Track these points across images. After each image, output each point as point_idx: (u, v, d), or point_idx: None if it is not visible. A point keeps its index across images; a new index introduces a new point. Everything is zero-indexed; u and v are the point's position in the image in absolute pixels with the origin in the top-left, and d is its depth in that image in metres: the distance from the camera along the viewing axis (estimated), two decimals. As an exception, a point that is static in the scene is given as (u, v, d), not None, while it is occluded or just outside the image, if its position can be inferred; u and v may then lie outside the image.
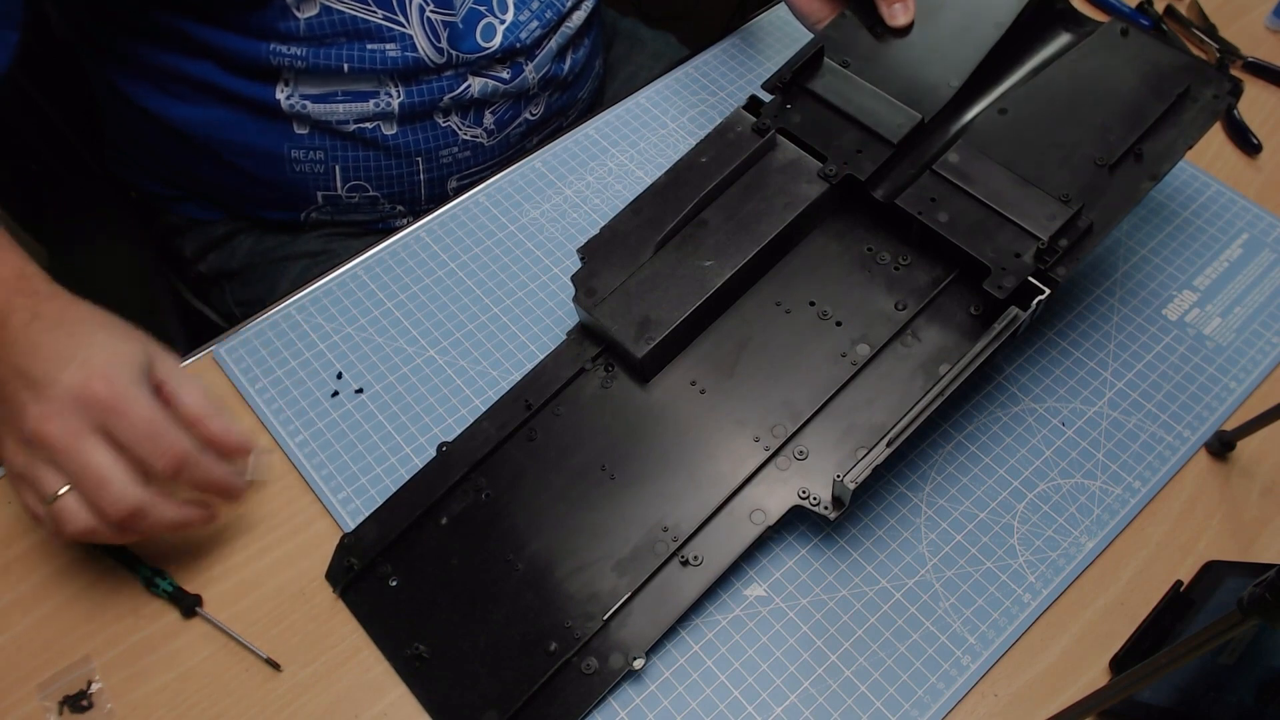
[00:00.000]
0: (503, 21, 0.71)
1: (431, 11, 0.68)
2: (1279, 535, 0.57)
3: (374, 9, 0.65)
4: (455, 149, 0.74)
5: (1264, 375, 0.62)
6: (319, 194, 0.74)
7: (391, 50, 0.67)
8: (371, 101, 0.69)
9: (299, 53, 0.65)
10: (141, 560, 0.55)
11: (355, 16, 0.65)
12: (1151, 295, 0.66)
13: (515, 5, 0.72)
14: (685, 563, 0.53)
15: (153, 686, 0.52)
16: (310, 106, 0.68)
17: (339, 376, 0.62)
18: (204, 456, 0.51)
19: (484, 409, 0.59)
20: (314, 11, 0.64)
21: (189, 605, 0.54)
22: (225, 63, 0.67)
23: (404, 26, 0.67)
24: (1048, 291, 0.54)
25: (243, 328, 0.65)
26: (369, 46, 0.66)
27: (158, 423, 0.49)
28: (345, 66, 0.66)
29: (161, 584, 0.54)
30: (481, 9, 0.70)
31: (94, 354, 0.49)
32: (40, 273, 0.52)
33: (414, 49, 0.68)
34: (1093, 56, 0.61)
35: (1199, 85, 0.59)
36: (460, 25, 0.69)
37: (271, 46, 0.65)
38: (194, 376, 0.53)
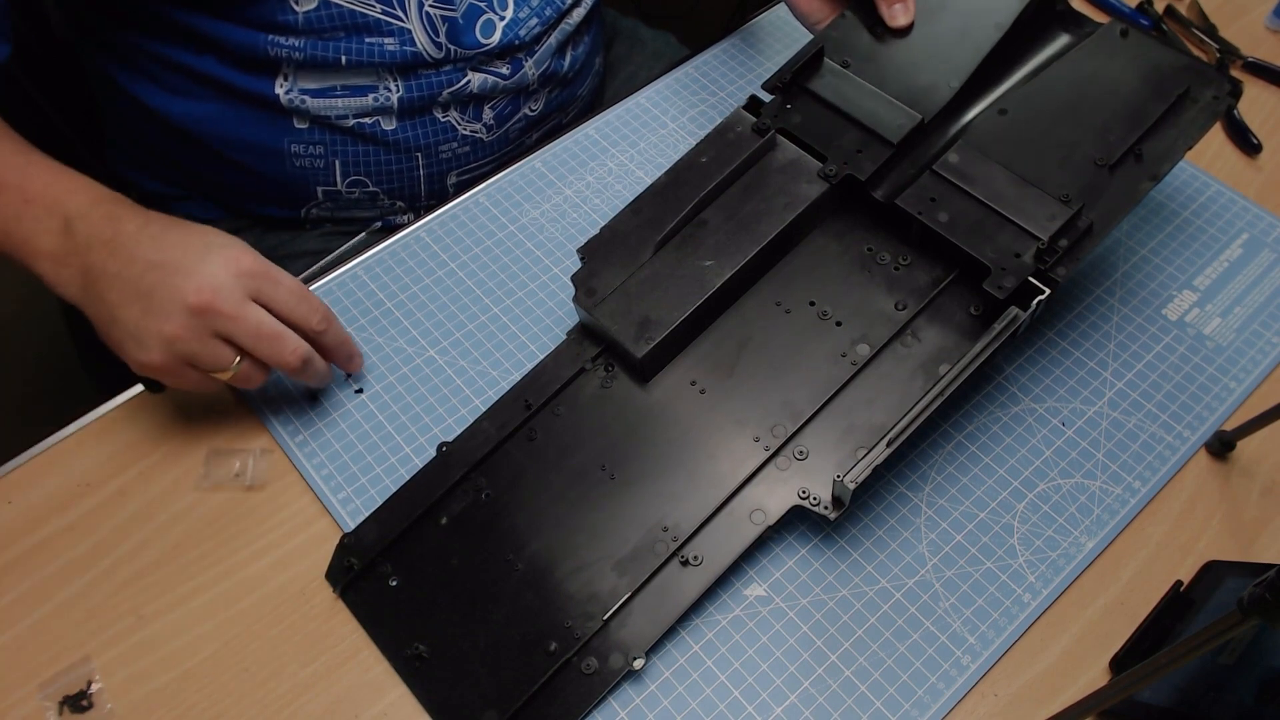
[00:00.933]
0: (502, 18, 0.71)
1: (431, 6, 0.68)
2: (1279, 535, 0.57)
3: (372, 3, 0.65)
4: (455, 144, 0.74)
5: (1264, 375, 0.62)
6: (319, 189, 0.74)
7: (390, 44, 0.67)
8: (371, 96, 0.69)
9: (297, 44, 0.65)
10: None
11: (354, 10, 0.65)
12: (1151, 295, 0.66)
13: (515, 2, 0.72)
14: (685, 563, 0.53)
15: (153, 686, 0.52)
16: (309, 101, 0.68)
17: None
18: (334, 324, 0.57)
19: (484, 409, 0.59)
20: (312, 5, 0.64)
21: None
22: (225, 56, 0.67)
23: (403, 21, 0.67)
24: (1047, 291, 0.54)
25: (243, 328, 0.65)
26: (367, 40, 0.66)
27: (302, 288, 0.55)
28: (343, 59, 0.66)
29: None
30: (481, 5, 0.70)
31: (225, 240, 0.54)
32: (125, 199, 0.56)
33: (412, 43, 0.68)
34: (1093, 57, 0.61)
35: (1199, 86, 0.59)
36: (460, 21, 0.69)
37: (270, 38, 0.65)
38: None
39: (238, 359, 0.54)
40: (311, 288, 0.66)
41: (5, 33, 0.60)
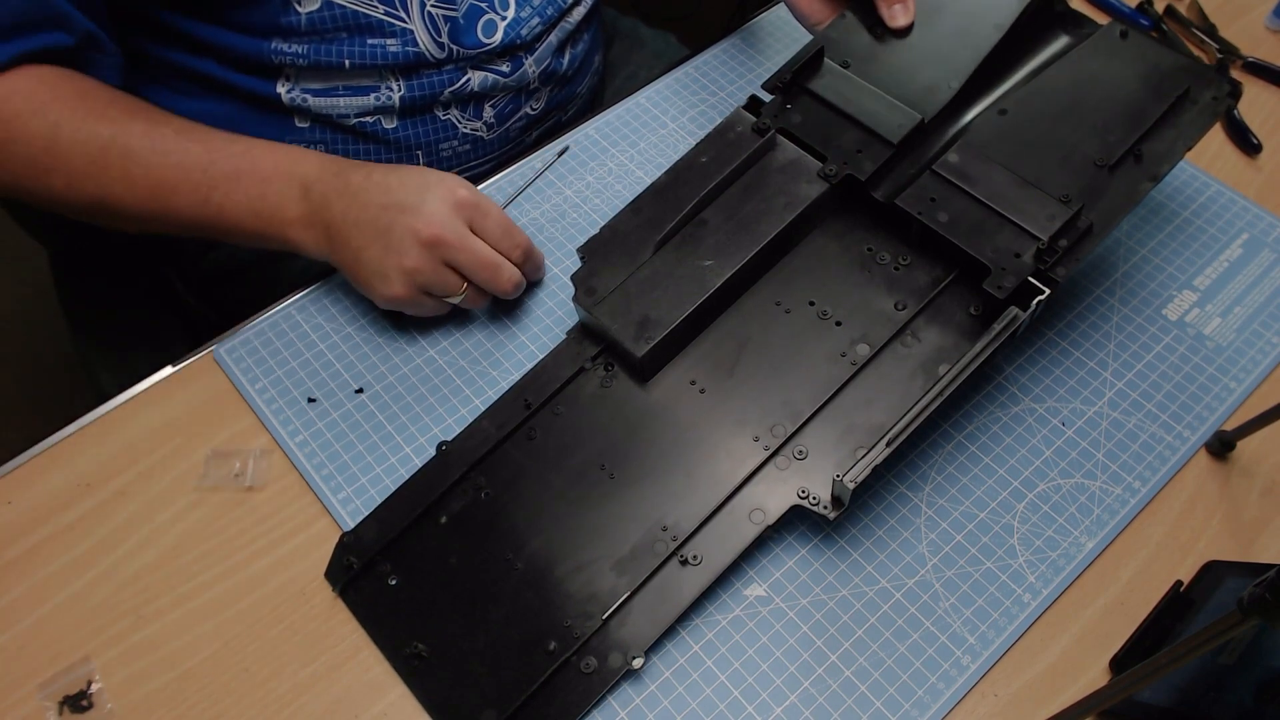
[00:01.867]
0: (504, 18, 0.71)
1: (433, 6, 0.68)
2: (1279, 535, 0.57)
3: (375, 4, 0.65)
4: (455, 142, 0.74)
5: (1264, 375, 0.62)
6: None
7: (392, 45, 0.67)
8: (372, 95, 0.69)
9: (300, 50, 0.65)
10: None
11: (357, 11, 0.65)
12: (1151, 295, 0.66)
13: (517, 2, 0.72)
14: (684, 562, 0.53)
15: (153, 686, 0.52)
16: (311, 100, 0.68)
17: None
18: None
19: (484, 409, 0.59)
20: (315, 6, 0.64)
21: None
22: (227, 60, 0.67)
23: (405, 21, 0.67)
24: (1047, 292, 0.54)
25: (243, 328, 0.65)
26: (370, 42, 0.67)
27: (509, 221, 0.61)
28: (346, 63, 0.67)
29: None
30: (483, 5, 0.70)
31: (439, 176, 0.60)
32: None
33: (415, 44, 0.68)
34: (1092, 58, 0.61)
35: (1199, 87, 0.59)
36: (461, 21, 0.69)
37: (273, 45, 0.65)
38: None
39: (465, 285, 0.60)
40: (312, 287, 0.67)
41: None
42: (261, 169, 0.60)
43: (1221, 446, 0.59)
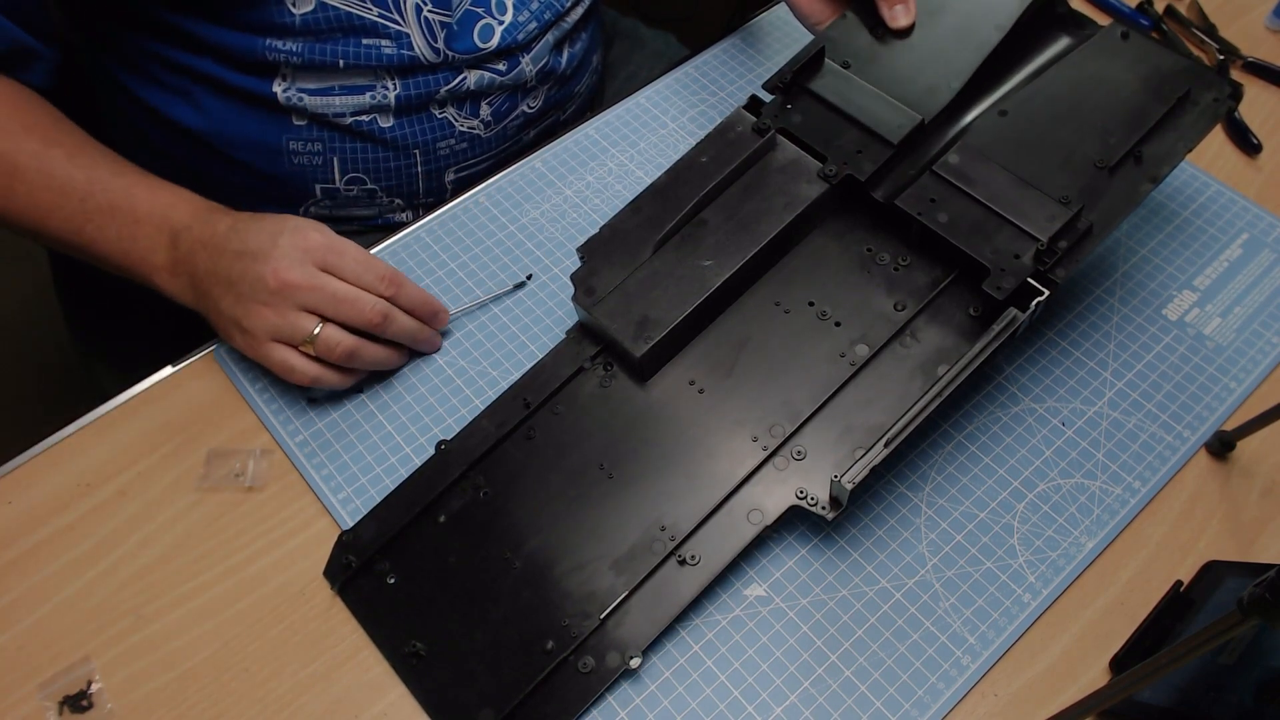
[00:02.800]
0: (501, 23, 0.71)
1: (429, 11, 0.68)
2: (1279, 535, 0.57)
3: (369, 6, 0.66)
4: (452, 140, 0.74)
5: (1264, 375, 0.62)
6: (317, 187, 0.74)
7: (387, 47, 0.67)
8: (368, 94, 0.69)
9: (295, 48, 0.65)
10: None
11: (351, 13, 0.65)
12: (1151, 295, 0.66)
13: (514, 6, 0.72)
14: (683, 562, 0.53)
15: (153, 686, 0.52)
16: (307, 99, 0.68)
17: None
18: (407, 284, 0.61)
19: (484, 408, 0.59)
20: (309, 7, 0.64)
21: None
22: (223, 59, 0.67)
23: (400, 24, 0.67)
24: (1046, 293, 0.54)
25: (243, 327, 0.65)
26: (364, 42, 0.67)
27: (368, 257, 0.59)
28: (341, 62, 0.67)
29: None
30: (479, 10, 0.70)
31: (296, 223, 0.59)
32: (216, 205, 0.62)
33: (410, 47, 0.68)
34: (1093, 59, 0.61)
35: (1199, 89, 0.59)
36: (456, 26, 0.69)
37: (267, 42, 0.65)
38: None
39: (318, 326, 0.57)
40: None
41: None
42: (137, 210, 0.60)
43: (1221, 446, 0.59)
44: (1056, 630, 0.54)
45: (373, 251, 0.68)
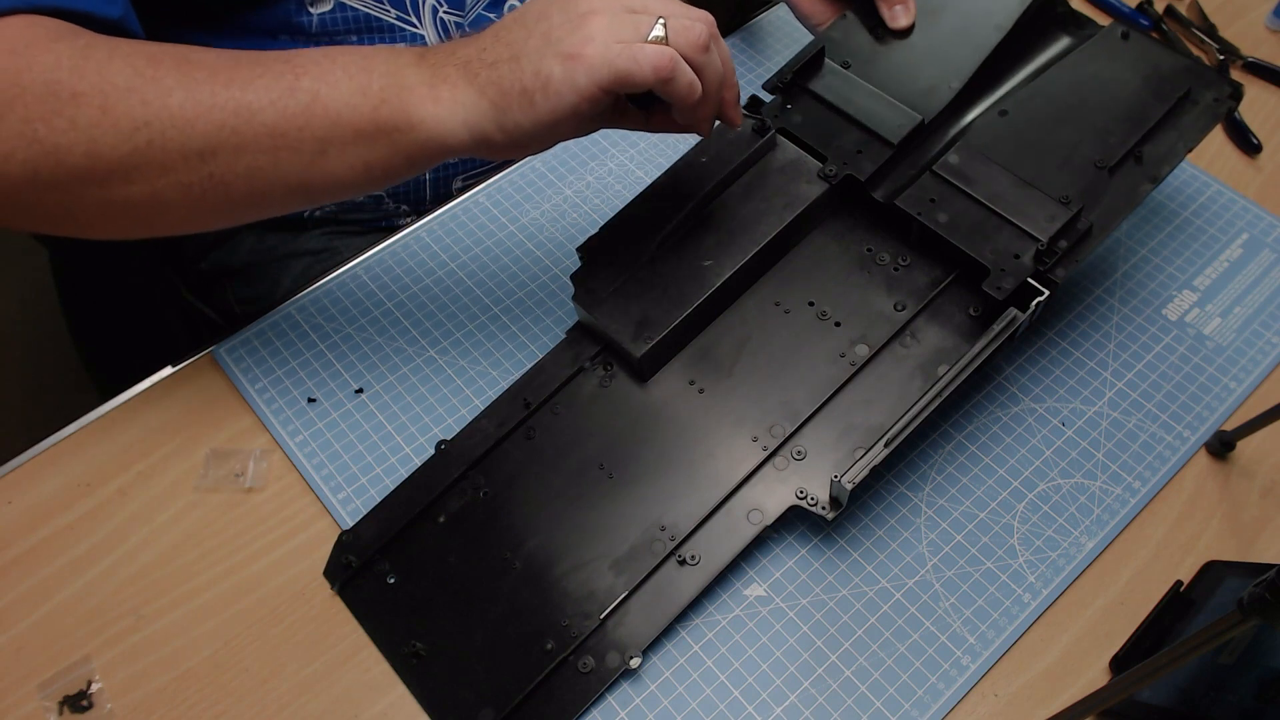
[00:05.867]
0: None
1: (445, 13, 0.68)
2: (1279, 535, 0.57)
3: (387, 8, 0.66)
4: None
5: (1264, 375, 0.62)
6: None
7: None
8: None
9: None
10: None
11: (369, 14, 0.65)
12: (1151, 295, 0.66)
13: None
14: (683, 562, 0.53)
15: (153, 686, 0.52)
16: None
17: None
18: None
19: (483, 408, 0.59)
20: (328, 7, 0.64)
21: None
22: None
23: (416, 26, 0.67)
24: (1046, 293, 0.54)
25: (243, 328, 0.65)
26: (381, 44, 0.67)
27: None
28: None
29: None
30: (490, 15, 0.70)
31: None
32: None
33: None
34: (1093, 59, 0.61)
35: (1200, 89, 0.59)
36: (469, 28, 0.69)
37: (279, 43, 0.65)
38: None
39: (659, 19, 0.48)
40: (312, 287, 0.67)
41: None
42: (355, 50, 0.50)
43: (1221, 446, 0.59)
44: (1057, 630, 0.54)
45: (373, 251, 0.68)
